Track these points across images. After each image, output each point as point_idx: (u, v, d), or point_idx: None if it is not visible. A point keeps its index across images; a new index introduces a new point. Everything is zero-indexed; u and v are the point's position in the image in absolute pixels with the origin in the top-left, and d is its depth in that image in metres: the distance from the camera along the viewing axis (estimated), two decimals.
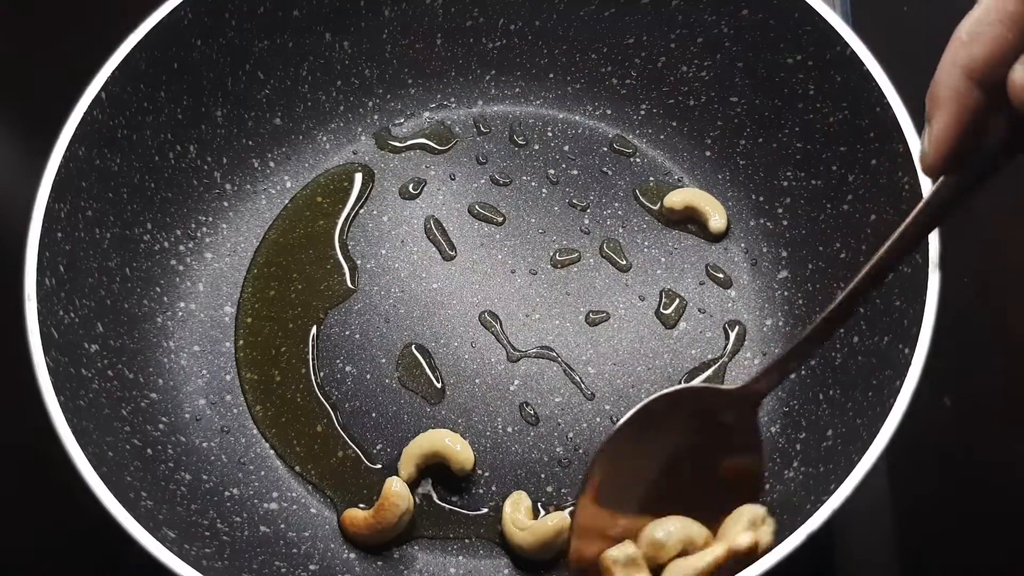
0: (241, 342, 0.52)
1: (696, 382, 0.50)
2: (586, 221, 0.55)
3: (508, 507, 0.46)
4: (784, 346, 0.41)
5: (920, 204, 0.36)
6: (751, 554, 0.39)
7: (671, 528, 0.41)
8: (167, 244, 0.52)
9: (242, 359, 0.52)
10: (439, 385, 0.51)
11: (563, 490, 0.48)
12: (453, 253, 0.54)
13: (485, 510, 0.48)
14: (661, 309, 0.52)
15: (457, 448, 0.47)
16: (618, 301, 0.53)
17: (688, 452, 0.43)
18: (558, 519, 0.44)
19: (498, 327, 0.52)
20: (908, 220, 0.37)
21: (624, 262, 0.54)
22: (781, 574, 0.38)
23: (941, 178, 0.35)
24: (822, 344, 0.40)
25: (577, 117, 0.58)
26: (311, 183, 0.56)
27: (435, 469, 0.48)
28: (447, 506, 0.48)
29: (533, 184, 0.56)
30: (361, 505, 0.47)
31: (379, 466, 0.49)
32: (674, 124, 0.56)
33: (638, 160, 0.57)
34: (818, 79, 0.49)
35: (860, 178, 0.48)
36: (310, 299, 0.53)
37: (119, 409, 0.45)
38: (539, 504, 0.48)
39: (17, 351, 0.41)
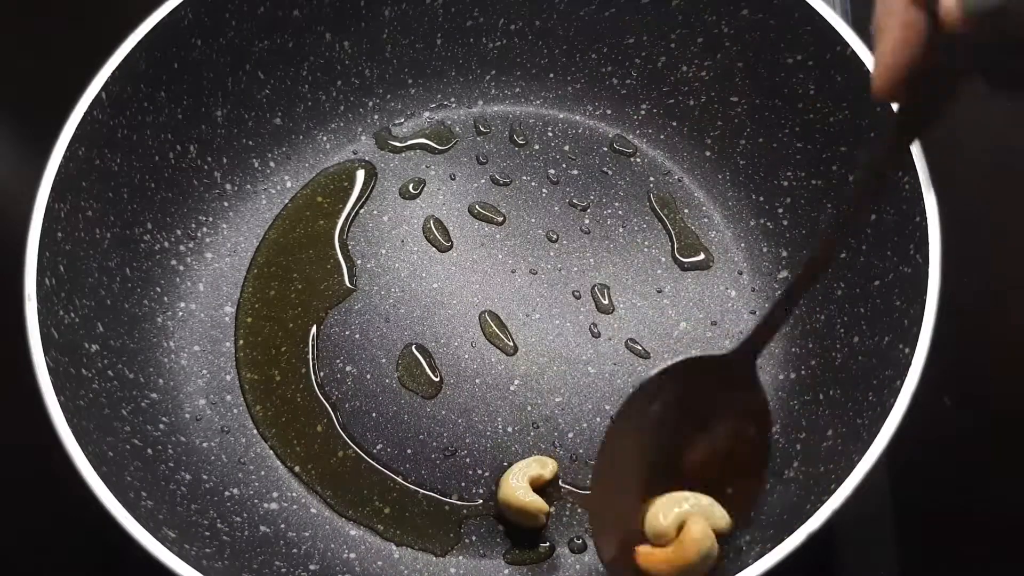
0: (241, 342, 0.52)
1: None
2: (586, 221, 0.55)
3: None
4: (771, 303, 0.42)
5: (883, 137, 0.37)
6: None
7: (667, 511, 0.42)
8: (167, 244, 0.52)
9: (242, 359, 0.52)
10: (438, 384, 0.51)
11: (563, 490, 0.48)
12: (453, 253, 0.54)
13: (485, 510, 0.48)
14: (661, 309, 0.52)
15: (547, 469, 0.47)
16: (619, 301, 0.53)
17: (693, 426, 0.43)
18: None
19: (498, 327, 0.52)
20: (875, 155, 0.37)
21: (624, 262, 0.54)
22: (781, 574, 0.38)
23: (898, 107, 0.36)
24: (804, 294, 0.41)
25: (577, 117, 0.58)
26: (311, 183, 0.56)
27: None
28: (447, 506, 0.48)
29: (533, 184, 0.56)
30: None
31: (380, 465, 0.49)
32: (674, 124, 0.56)
33: (638, 160, 0.57)
34: (818, 79, 0.49)
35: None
36: (310, 299, 0.53)
37: (119, 409, 0.45)
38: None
39: (17, 351, 0.41)
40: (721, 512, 0.42)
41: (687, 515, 0.41)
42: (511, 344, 0.52)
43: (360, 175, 0.57)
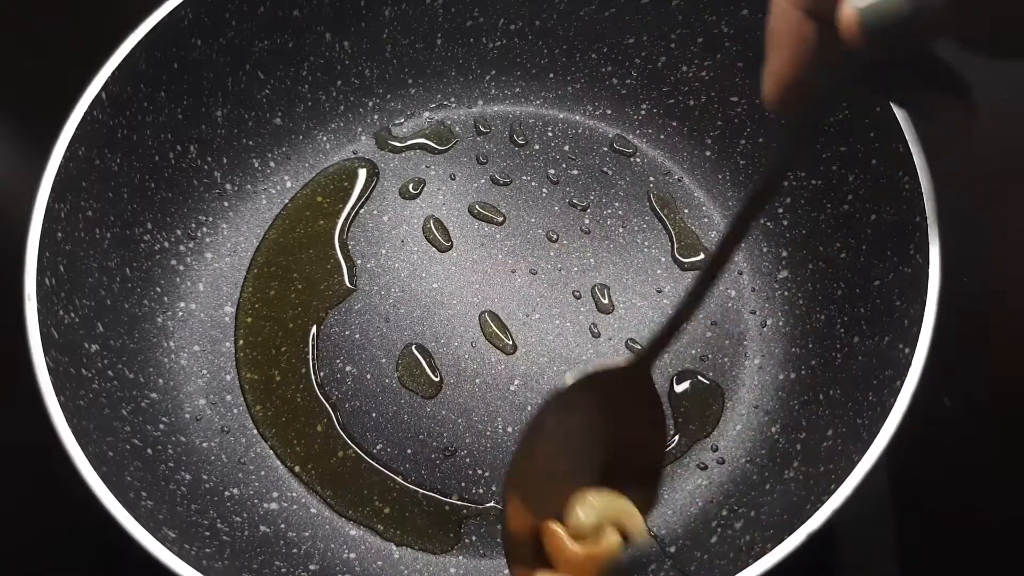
0: (241, 342, 0.52)
1: (687, 384, 0.51)
2: (586, 221, 0.55)
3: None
4: (666, 322, 0.40)
5: (770, 156, 0.35)
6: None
7: (589, 507, 0.40)
8: (167, 244, 0.52)
9: (242, 359, 0.52)
10: (438, 384, 0.51)
11: None
12: (453, 253, 0.54)
13: (485, 510, 0.48)
14: (661, 309, 0.52)
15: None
16: (619, 301, 0.53)
17: (599, 435, 0.42)
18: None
19: (498, 327, 0.52)
20: (763, 174, 0.36)
21: (624, 262, 0.54)
22: (781, 574, 0.38)
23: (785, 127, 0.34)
24: (695, 310, 0.39)
25: (577, 117, 0.58)
26: (311, 183, 0.56)
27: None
28: (447, 506, 0.48)
29: (533, 184, 0.56)
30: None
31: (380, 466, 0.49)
32: (674, 124, 0.56)
33: (638, 160, 0.57)
34: None
35: (860, 178, 0.48)
36: (310, 299, 0.53)
37: (119, 409, 0.45)
38: None
39: (17, 351, 0.41)
40: (642, 526, 0.41)
41: (608, 523, 0.40)
42: (511, 344, 0.52)
43: (360, 175, 0.57)
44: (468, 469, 0.49)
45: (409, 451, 0.49)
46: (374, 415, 0.50)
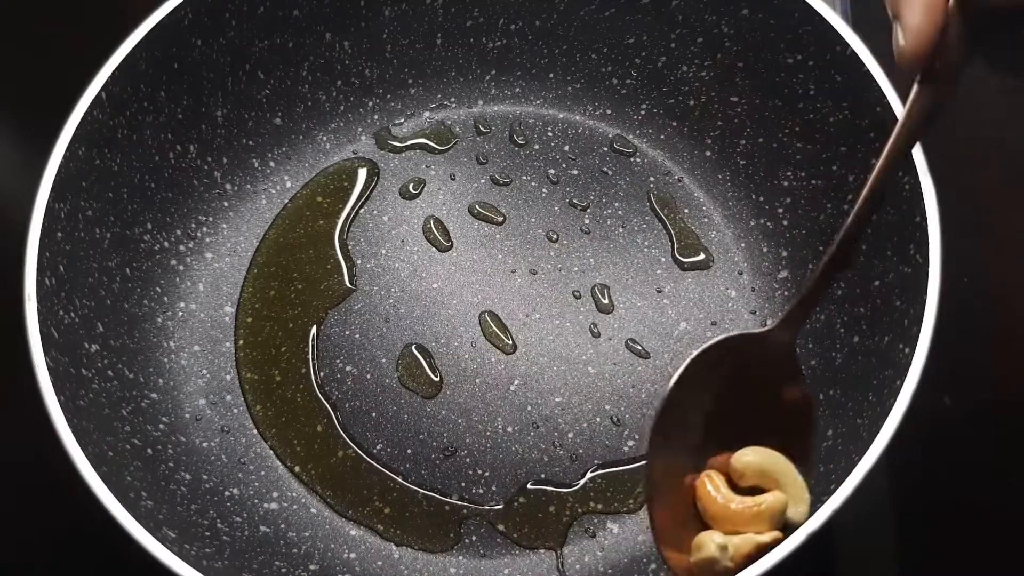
0: (241, 342, 0.52)
1: None
2: (586, 221, 0.55)
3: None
4: (804, 284, 0.40)
5: (903, 112, 0.36)
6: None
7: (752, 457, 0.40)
8: (167, 244, 0.52)
9: (242, 359, 0.52)
10: (439, 384, 0.51)
11: (563, 491, 0.48)
12: (454, 253, 0.54)
13: (485, 510, 0.48)
14: (661, 309, 0.52)
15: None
16: (619, 301, 0.53)
17: (738, 399, 0.42)
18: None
19: (498, 327, 0.52)
20: (897, 128, 0.36)
21: (624, 262, 0.54)
22: (781, 574, 0.38)
23: (915, 86, 0.34)
24: (840, 273, 0.39)
25: (577, 117, 0.58)
26: (311, 183, 0.56)
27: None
28: (447, 506, 0.48)
29: (533, 184, 0.56)
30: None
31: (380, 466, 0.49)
32: (674, 124, 0.56)
33: (638, 160, 0.57)
34: (818, 79, 0.49)
35: (860, 178, 0.48)
36: (310, 299, 0.53)
37: (119, 409, 0.45)
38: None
39: (17, 351, 0.41)
40: (807, 506, 0.40)
41: (778, 483, 0.40)
42: (511, 344, 0.52)
43: (360, 175, 0.57)
44: (468, 469, 0.49)
45: (409, 451, 0.49)
46: (374, 415, 0.50)
